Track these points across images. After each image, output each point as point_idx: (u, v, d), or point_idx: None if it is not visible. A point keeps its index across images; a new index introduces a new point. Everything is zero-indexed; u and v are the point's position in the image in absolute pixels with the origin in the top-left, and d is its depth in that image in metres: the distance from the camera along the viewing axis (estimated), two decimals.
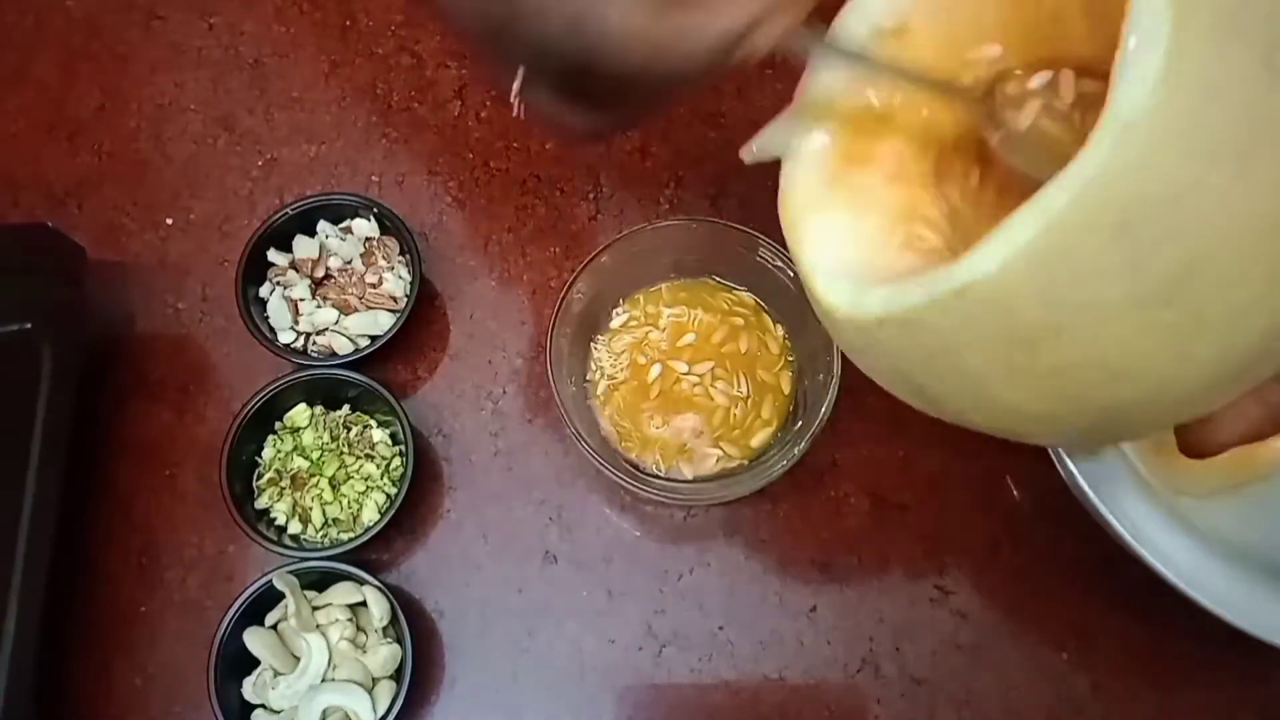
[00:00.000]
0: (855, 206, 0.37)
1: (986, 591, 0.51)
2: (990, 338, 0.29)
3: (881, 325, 0.31)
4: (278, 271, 0.55)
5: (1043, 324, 0.28)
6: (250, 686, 0.48)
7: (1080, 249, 0.26)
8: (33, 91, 0.61)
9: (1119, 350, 0.28)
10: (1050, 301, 0.27)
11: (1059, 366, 0.29)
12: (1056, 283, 0.27)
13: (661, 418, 0.51)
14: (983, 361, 0.30)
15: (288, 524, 0.51)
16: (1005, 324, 0.28)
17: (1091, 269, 0.26)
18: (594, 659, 0.50)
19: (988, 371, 0.30)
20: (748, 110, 0.60)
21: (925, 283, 0.29)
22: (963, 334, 0.29)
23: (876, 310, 0.31)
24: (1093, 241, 0.26)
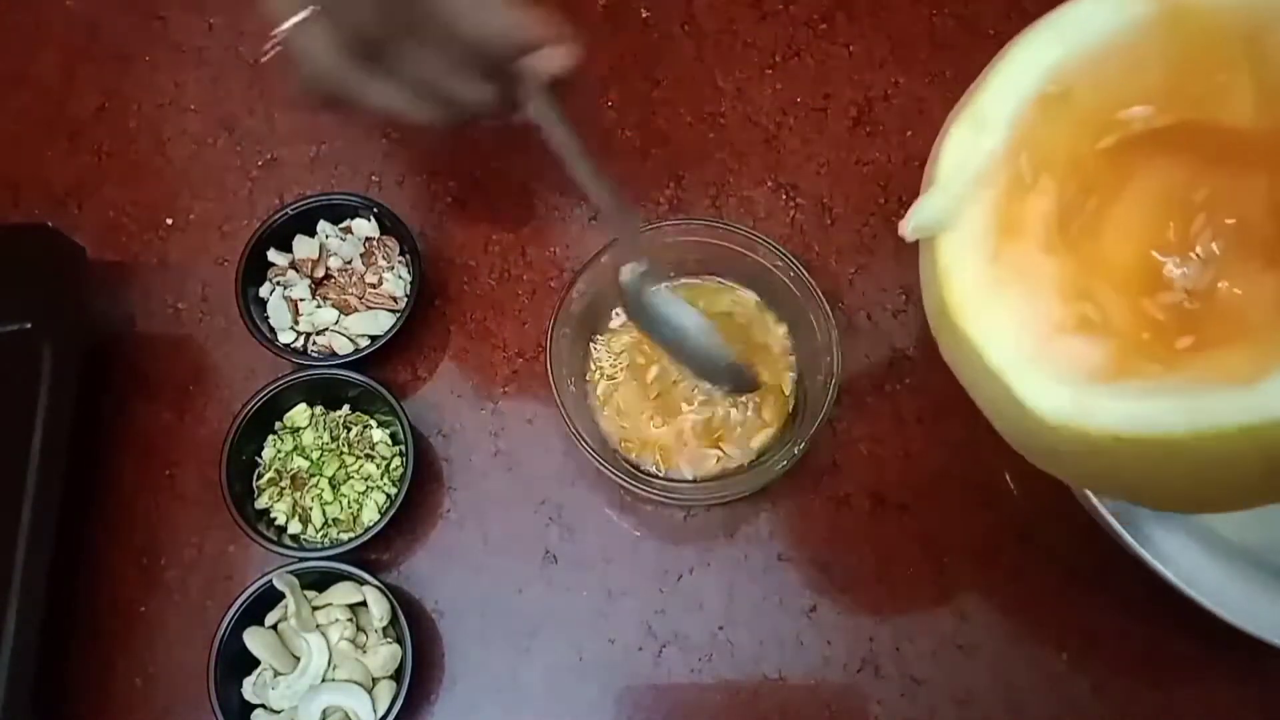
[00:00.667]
0: (1027, 287, 0.34)
1: (986, 591, 0.51)
2: (1258, 468, 0.29)
3: (1119, 443, 0.30)
4: (278, 271, 0.55)
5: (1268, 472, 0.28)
6: (250, 686, 0.48)
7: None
8: (33, 92, 0.61)
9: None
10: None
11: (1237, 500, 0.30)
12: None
13: (661, 418, 0.51)
14: (1235, 480, 0.30)
15: (288, 524, 0.51)
16: (1231, 474, 0.29)
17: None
18: (594, 659, 0.50)
19: (1236, 490, 0.31)
20: (748, 110, 0.60)
21: (1191, 410, 0.28)
22: (1228, 464, 0.29)
23: (1117, 429, 0.30)
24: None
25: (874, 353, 0.54)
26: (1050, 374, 0.32)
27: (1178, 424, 0.28)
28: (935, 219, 0.35)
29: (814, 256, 0.57)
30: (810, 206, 0.58)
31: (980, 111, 0.34)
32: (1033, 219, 0.36)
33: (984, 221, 0.35)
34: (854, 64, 0.60)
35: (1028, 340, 0.33)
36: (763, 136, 0.59)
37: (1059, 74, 0.34)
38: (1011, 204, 0.35)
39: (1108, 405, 0.30)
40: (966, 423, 0.53)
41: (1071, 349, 0.33)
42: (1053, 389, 0.31)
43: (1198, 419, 0.28)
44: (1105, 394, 0.30)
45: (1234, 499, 0.32)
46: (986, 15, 0.61)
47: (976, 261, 0.34)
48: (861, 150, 0.59)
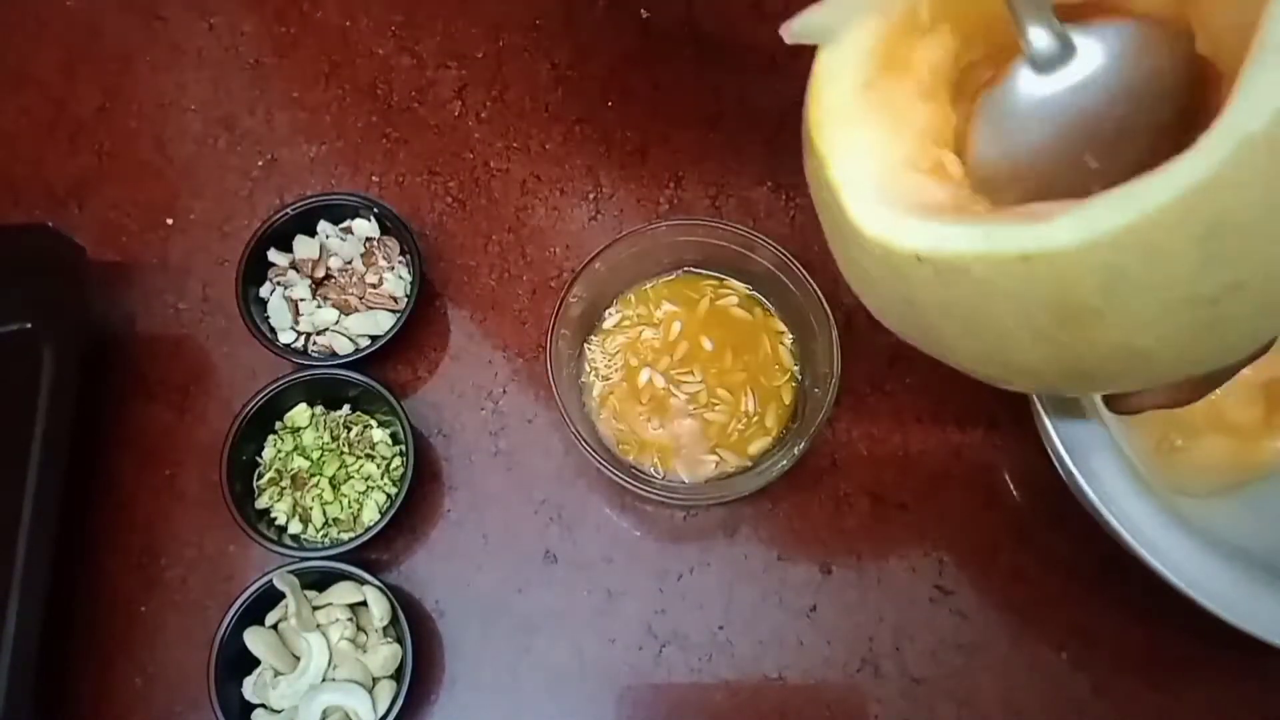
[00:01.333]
0: (890, 121, 0.35)
1: (986, 591, 0.51)
2: (1037, 307, 0.29)
3: (920, 263, 0.30)
4: (278, 271, 0.55)
5: (1096, 306, 0.28)
6: (250, 686, 0.48)
7: (1163, 247, 0.26)
8: (33, 91, 0.61)
9: (1154, 338, 0.28)
10: (1111, 288, 0.27)
11: (1092, 343, 0.29)
12: (1125, 272, 0.27)
13: (659, 420, 0.51)
14: (1016, 325, 0.30)
15: (288, 524, 0.51)
16: (1059, 298, 0.28)
17: (1165, 266, 0.26)
18: (594, 659, 0.50)
19: (1017, 335, 0.30)
20: (748, 110, 0.60)
21: (987, 234, 0.28)
22: (1009, 295, 0.29)
23: (918, 246, 0.30)
24: (1177, 243, 0.26)
25: (874, 353, 0.54)
26: (882, 197, 0.32)
27: (969, 246, 0.29)
28: (821, 27, 0.35)
29: (814, 256, 0.56)
30: (810, 206, 0.57)
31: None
32: (920, 63, 0.36)
33: (867, 46, 0.35)
34: None
35: (873, 166, 0.33)
36: (763, 136, 0.59)
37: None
38: (900, 40, 0.35)
39: (918, 226, 0.30)
40: (966, 423, 0.53)
41: (916, 185, 0.33)
42: (876, 207, 0.32)
43: (986, 242, 0.28)
44: (922, 219, 0.31)
45: (1022, 354, 0.31)
46: None
47: (848, 83, 0.35)
48: None
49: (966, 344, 0.33)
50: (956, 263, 0.29)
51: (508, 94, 0.61)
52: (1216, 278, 0.26)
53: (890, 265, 0.32)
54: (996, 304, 0.30)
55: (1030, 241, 0.27)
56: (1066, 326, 0.29)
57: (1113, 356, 0.30)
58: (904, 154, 0.34)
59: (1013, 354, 0.31)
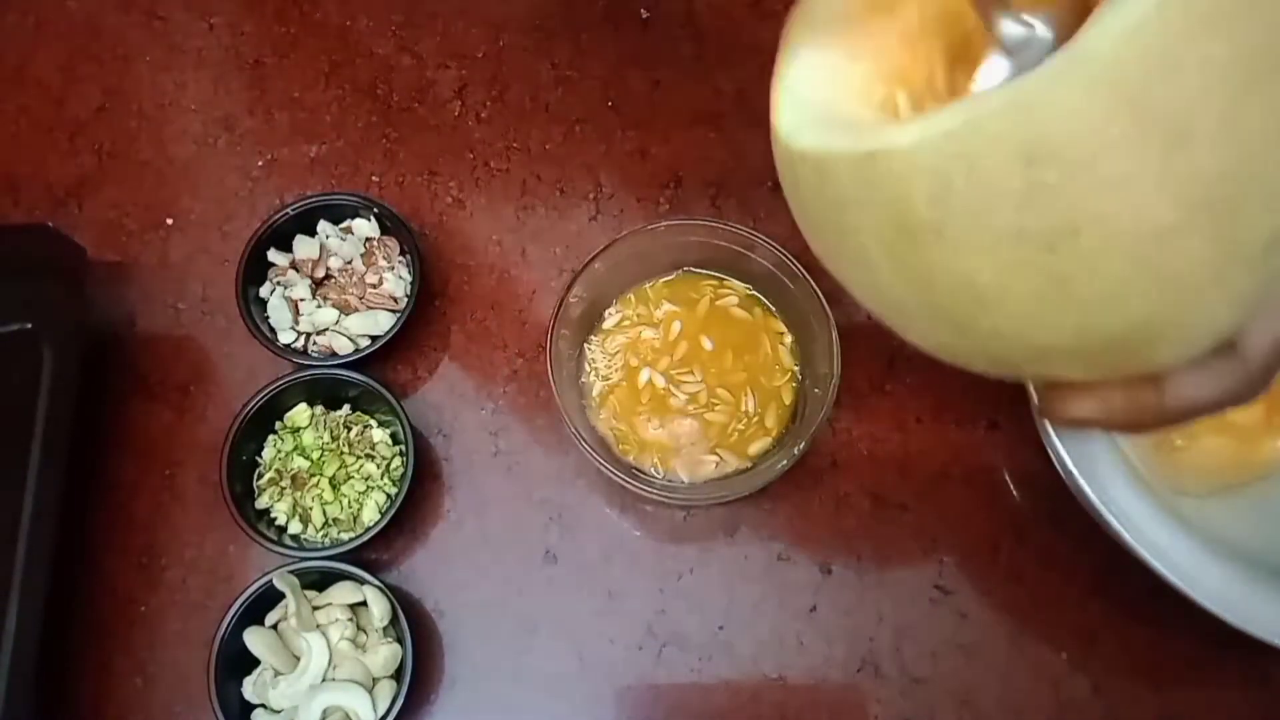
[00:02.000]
0: (856, 49, 0.35)
1: (986, 591, 0.51)
2: (881, 214, 0.29)
3: (802, 160, 0.31)
4: (278, 271, 0.55)
5: (928, 219, 0.27)
6: (250, 686, 0.48)
7: (984, 159, 0.25)
8: (33, 91, 0.61)
9: (989, 276, 0.27)
10: (940, 198, 0.26)
11: (932, 268, 0.28)
12: (951, 182, 0.26)
13: (659, 420, 0.51)
14: (871, 240, 0.30)
15: (288, 524, 0.51)
16: (896, 206, 0.28)
17: (987, 183, 0.25)
18: (594, 659, 0.50)
19: (874, 252, 0.30)
20: (748, 110, 0.60)
21: (847, 135, 0.29)
22: (859, 200, 0.29)
23: (802, 145, 0.31)
24: (998, 158, 0.25)
25: (874, 353, 0.54)
26: (811, 108, 0.32)
27: (838, 146, 0.29)
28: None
29: (814, 257, 0.56)
30: None
31: None
32: (908, 9, 0.36)
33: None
34: None
35: (821, 82, 0.34)
36: (763, 136, 0.59)
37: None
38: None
39: (817, 130, 0.31)
40: (967, 423, 0.53)
41: (852, 110, 0.33)
42: (795, 110, 0.32)
43: (850, 142, 0.28)
44: (819, 125, 0.31)
45: (884, 281, 0.31)
46: None
47: (830, 6, 0.35)
48: None
49: (851, 271, 0.33)
50: (822, 162, 0.29)
51: (508, 94, 0.61)
52: (1044, 214, 0.25)
53: (789, 169, 0.32)
54: (851, 212, 0.30)
55: (876, 141, 0.27)
56: (907, 242, 0.28)
57: (960, 291, 0.29)
58: (858, 84, 0.35)
59: (882, 282, 0.31)
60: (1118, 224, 0.25)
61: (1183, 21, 0.23)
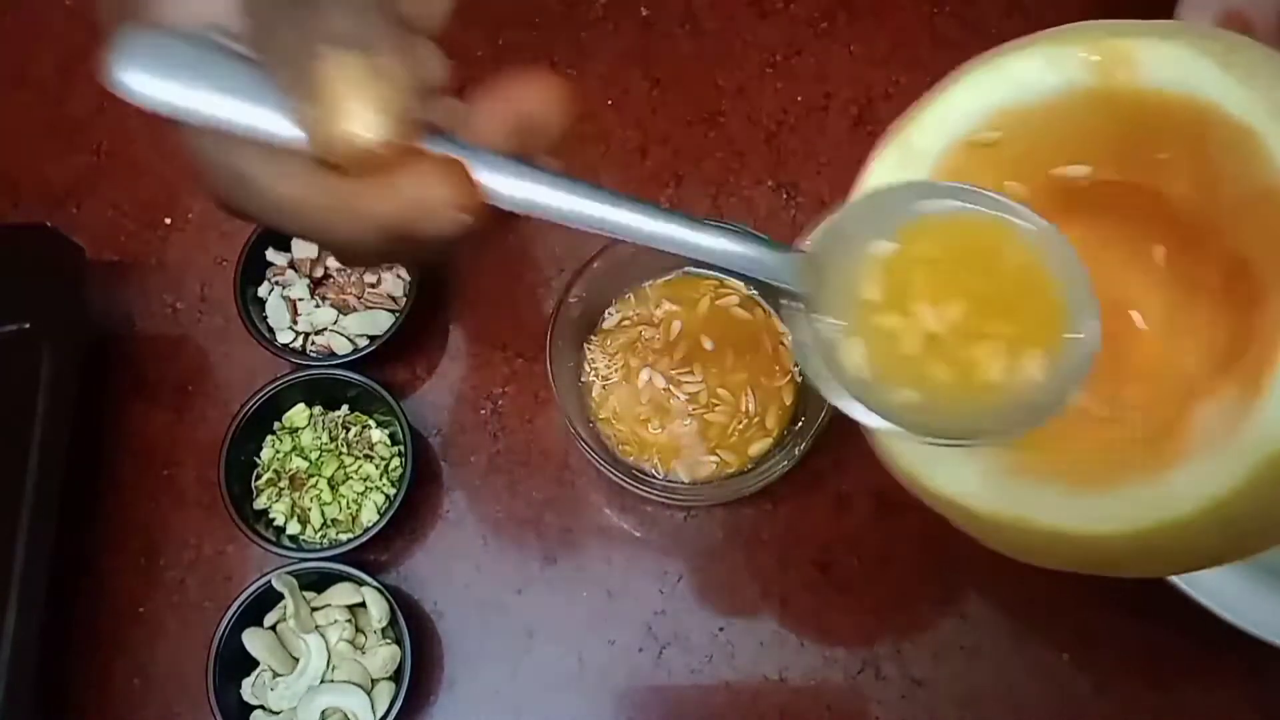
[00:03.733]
0: None
1: (987, 592, 0.51)
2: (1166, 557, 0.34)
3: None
4: (276, 271, 0.55)
5: (1225, 551, 0.32)
6: (249, 687, 0.47)
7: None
8: (32, 91, 0.61)
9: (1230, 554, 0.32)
10: (1241, 536, 0.31)
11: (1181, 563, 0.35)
12: (1248, 523, 0.30)
13: (659, 420, 0.51)
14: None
15: (286, 524, 0.51)
16: (1187, 550, 0.32)
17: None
18: (594, 660, 0.50)
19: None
20: (748, 109, 0.59)
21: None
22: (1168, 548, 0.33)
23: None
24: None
25: None
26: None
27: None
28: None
29: None
30: (811, 206, 0.57)
31: (909, 142, 0.36)
32: None
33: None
34: (855, 63, 0.60)
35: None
36: (763, 136, 0.59)
37: (993, 122, 0.34)
38: None
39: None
40: None
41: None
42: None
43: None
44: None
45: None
46: (988, 14, 0.61)
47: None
48: (862, 149, 0.58)
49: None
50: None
51: None
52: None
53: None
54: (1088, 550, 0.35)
55: (1155, 517, 0.31)
56: (1208, 558, 0.33)
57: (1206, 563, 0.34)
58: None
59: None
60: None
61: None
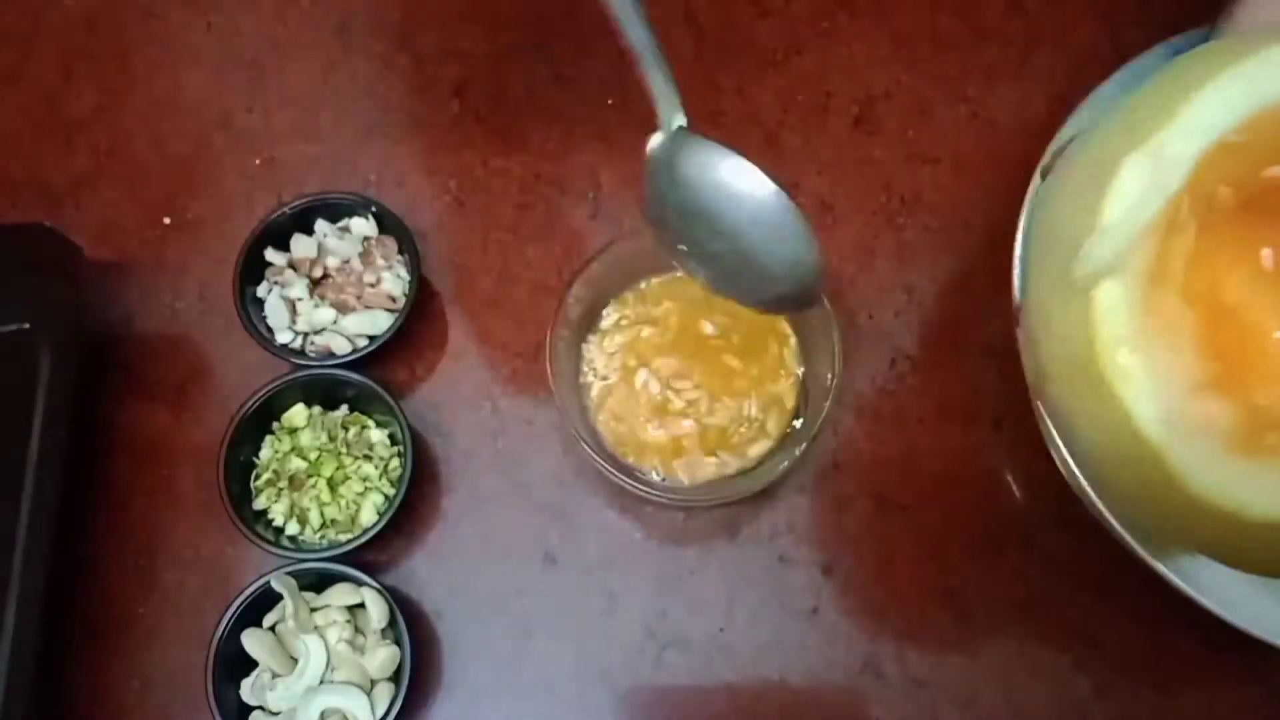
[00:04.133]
0: (1170, 338, 0.34)
1: (989, 593, 0.50)
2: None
3: (1265, 527, 0.32)
4: (275, 271, 0.55)
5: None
6: (248, 688, 0.47)
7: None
8: (30, 90, 0.61)
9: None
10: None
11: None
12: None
13: (659, 421, 0.50)
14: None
15: (285, 525, 0.50)
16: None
17: None
18: (594, 661, 0.50)
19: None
20: (748, 109, 0.59)
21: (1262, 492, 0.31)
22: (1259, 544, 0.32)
23: (1254, 511, 0.32)
24: None
25: (875, 352, 0.54)
26: (1195, 442, 0.32)
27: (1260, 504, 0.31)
28: (1107, 263, 0.33)
29: None
30: (811, 205, 0.57)
31: (1162, 148, 0.33)
32: (1175, 263, 0.34)
33: (1144, 266, 0.33)
34: (855, 62, 0.60)
35: (1171, 399, 0.32)
36: (763, 135, 0.59)
37: (1249, 121, 0.32)
38: (1166, 248, 0.33)
39: (1258, 484, 0.31)
40: (969, 424, 0.53)
41: (1205, 409, 0.33)
42: (1205, 461, 0.32)
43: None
44: (1253, 471, 0.31)
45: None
46: (989, 14, 0.60)
47: (1132, 309, 0.33)
48: (863, 149, 0.59)
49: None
50: (1235, 516, 0.31)
51: (507, 93, 0.60)
52: None
53: (1232, 522, 0.32)
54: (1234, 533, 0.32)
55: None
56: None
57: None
58: (1190, 373, 0.33)
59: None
60: None
61: None
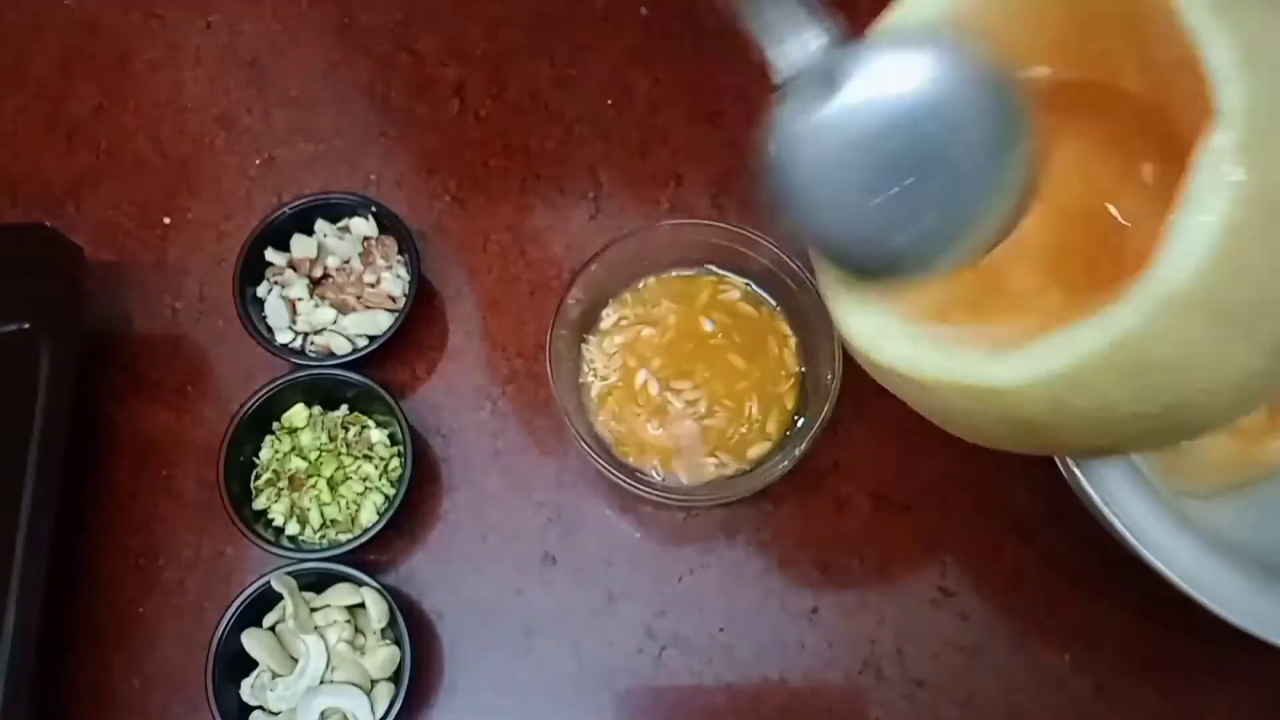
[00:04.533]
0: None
1: (988, 593, 0.50)
2: (994, 415, 0.33)
3: (891, 371, 0.36)
4: (275, 271, 0.55)
5: (1048, 422, 0.32)
6: (248, 688, 0.47)
7: (1095, 383, 0.29)
8: (31, 91, 0.61)
9: (1110, 438, 0.32)
10: (1056, 410, 0.31)
11: (1057, 442, 0.34)
12: (1065, 401, 0.30)
13: (658, 421, 0.50)
14: (986, 424, 0.35)
15: (286, 525, 0.50)
16: (1014, 416, 0.32)
17: (1100, 396, 0.30)
18: (593, 661, 0.50)
19: (992, 430, 0.35)
20: (748, 109, 0.59)
21: (943, 358, 0.33)
22: (967, 409, 0.34)
23: (889, 359, 0.36)
24: (1109, 380, 0.29)
25: None
26: (880, 315, 0.36)
27: (934, 372, 0.34)
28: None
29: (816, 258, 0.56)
30: None
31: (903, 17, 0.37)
32: None
33: None
34: None
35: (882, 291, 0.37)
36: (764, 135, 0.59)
37: (964, 8, 0.35)
38: None
39: (895, 341, 0.36)
40: None
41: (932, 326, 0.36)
42: (871, 320, 0.36)
43: (950, 372, 0.33)
44: (898, 328, 0.36)
45: (1004, 443, 0.37)
46: None
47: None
48: None
49: (960, 430, 0.38)
50: (923, 379, 0.34)
51: (507, 93, 0.60)
52: (1157, 400, 0.30)
53: (873, 368, 0.38)
54: (958, 409, 0.34)
55: (986, 377, 0.31)
56: (1029, 431, 0.33)
57: (1081, 448, 0.35)
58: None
59: (999, 443, 0.37)
60: (1221, 382, 0.29)
61: (1248, 228, 0.27)
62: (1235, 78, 0.27)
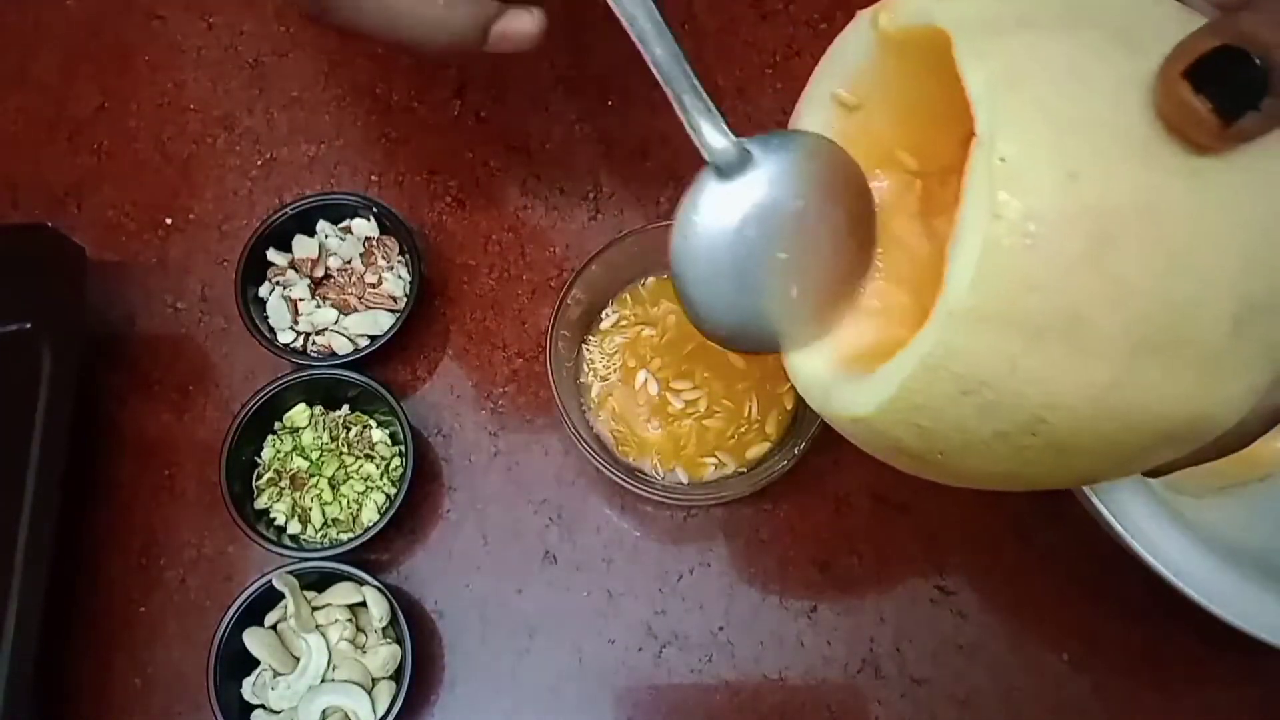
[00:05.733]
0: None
1: (987, 592, 0.51)
2: (890, 447, 0.33)
3: (821, 413, 0.37)
4: (277, 271, 0.55)
5: (924, 449, 0.31)
6: (250, 687, 0.48)
7: (931, 404, 0.29)
8: (32, 91, 0.61)
9: (1001, 466, 0.31)
10: (922, 436, 0.30)
11: (950, 472, 0.33)
12: (920, 426, 0.30)
13: (658, 421, 0.51)
14: (893, 457, 0.35)
15: (287, 524, 0.51)
16: (895, 445, 0.32)
17: (947, 417, 0.29)
18: (594, 659, 0.50)
19: (899, 461, 0.35)
20: (748, 109, 0.60)
21: (826, 396, 0.35)
22: (869, 442, 0.35)
23: (814, 403, 0.37)
24: (941, 399, 0.29)
25: None
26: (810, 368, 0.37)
27: (821, 405, 0.36)
28: None
29: None
30: None
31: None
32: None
33: None
34: None
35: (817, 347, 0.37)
36: None
37: (858, 84, 0.37)
38: None
39: (821, 390, 0.36)
40: None
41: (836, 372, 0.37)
42: (806, 372, 0.37)
43: (826, 404, 0.35)
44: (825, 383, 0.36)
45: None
46: None
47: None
48: None
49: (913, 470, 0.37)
50: (833, 419, 0.35)
51: (507, 94, 0.60)
52: (1007, 418, 0.29)
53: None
54: (871, 444, 0.35)
55: (850, 409, 0.32)
56: (921, 462, 0.33)
57: (982, 479, 0.33)
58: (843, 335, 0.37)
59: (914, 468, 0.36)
60: (1068, 398, 0.28)
61: (1013, 244, 0.26)
62: (986, 99, 0.27)
